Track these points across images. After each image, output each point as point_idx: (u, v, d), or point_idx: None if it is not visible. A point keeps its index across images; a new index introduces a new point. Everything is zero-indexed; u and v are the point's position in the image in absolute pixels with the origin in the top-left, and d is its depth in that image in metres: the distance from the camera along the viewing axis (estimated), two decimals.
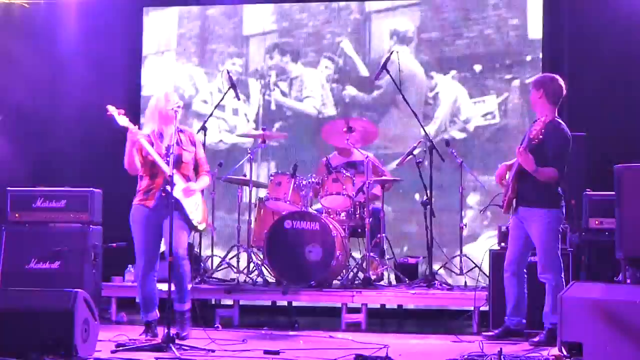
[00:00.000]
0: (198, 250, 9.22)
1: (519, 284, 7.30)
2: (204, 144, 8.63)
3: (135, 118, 10.71)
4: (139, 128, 7.15)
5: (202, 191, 7.41)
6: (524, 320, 7.32)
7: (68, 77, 10.51)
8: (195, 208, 7.16)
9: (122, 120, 7.04)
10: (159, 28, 11.26)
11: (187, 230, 7.16)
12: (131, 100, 10.90)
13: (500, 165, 7.54)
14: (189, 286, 7.22)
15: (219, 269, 9.28)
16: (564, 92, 7.27)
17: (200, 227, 7.26)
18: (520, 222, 7.27)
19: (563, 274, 7.17)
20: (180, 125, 7.18)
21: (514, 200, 7.24)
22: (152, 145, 7.04)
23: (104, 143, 9.34)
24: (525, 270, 7.34)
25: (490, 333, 7.42)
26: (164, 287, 6.98)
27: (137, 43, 11.14)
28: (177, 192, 7.00)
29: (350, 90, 10.83)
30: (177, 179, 6.99)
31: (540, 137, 6.85)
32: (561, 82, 7.28)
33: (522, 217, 7.23)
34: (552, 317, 7.08)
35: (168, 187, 6.88)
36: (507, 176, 7.34)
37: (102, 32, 10.65)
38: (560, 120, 7.22)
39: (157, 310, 7.17)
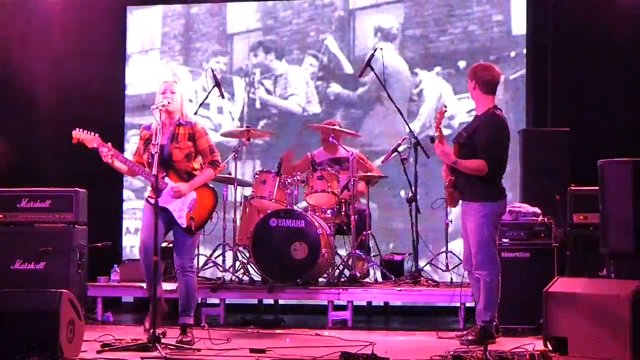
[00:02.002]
0: None
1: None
2: None
3: (120, 118, 10.77)
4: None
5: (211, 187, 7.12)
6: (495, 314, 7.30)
7: (52, 77, 10.47)
8: (185, 210, 6.88)
9: (90, 143, 6.87)
10: (143, 27, 11.24)
11: (188, 238, 6.89)
12: (116, 99, 10.89)
13: None
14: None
15: (204, 267, 9.27)
16: (499, 79, 7.20)
17: (194, 225, 6.89)
18: (463, 221, 7.25)
19: (500, 272, 7.05)
20: (185, 117, 6.99)
21: (455, 195, 7.19)
22: (150, 142, 6.90)
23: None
24: None
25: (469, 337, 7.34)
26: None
27: (121, 42, 11.11)
28: (162, 199, 6.75)
29: (335, 88, 10.84)
30: (168, 180, 6.84)
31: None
32: (495, 69, 7.19)
33: (462, 212, 7.23)
34: (485, 314, 7.04)
35: (150, 200, 6.80)
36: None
37: (86, 31, 10.62)
38: (496, 111, 7.13)
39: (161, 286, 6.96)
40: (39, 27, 10.52)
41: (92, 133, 6.90)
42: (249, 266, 8.89)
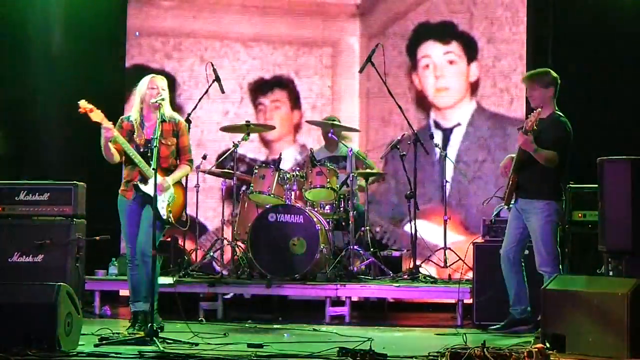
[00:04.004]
0: (182, 244, 9.22)
1: (516, 272, 7.34)
2: None
3: (120, 112, 10.72)
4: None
5: (185, 182, 7.33)
6: (529, 308, 7.33)
7: (51, 70, 10.43)
8: (166, 203, 6.99)
9: (96, 116, 6.92)
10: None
11: (158, 227, 6.88)
12: (116, 93, 10.82)
13: (507, 156, 7.56)
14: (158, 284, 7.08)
15: (202, 262, 9.26)
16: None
17: (172, 219, 7.04)
18: (519, 212, 7.30)
19: (561, 265, 7.23)
20: (168, 114, 7.03)
21: (515, 192, 7.27)
22: (133, 133, 6.98)
23: (88, 134, 9.23)
24: (522, 260, 7.36)
25: (496, 325, 7.42)
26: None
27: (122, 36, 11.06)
28: (150, 188, 6.80)
29: None
30: (153, 173, 6.88)
31: (535, 127, 6.88)
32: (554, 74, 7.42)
33: (521, 208, 7.27)
34: None
35: (141, 186, 6.88)
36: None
37: (85, 29, 10.52)
38: (560, 114, 7.34)
39: (143, 303, 7.03)
40: (38, 19, 10.47)
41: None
42: (247, 261, 8.88)
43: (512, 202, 7.37)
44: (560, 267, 7.22)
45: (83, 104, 6.95)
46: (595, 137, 9.23)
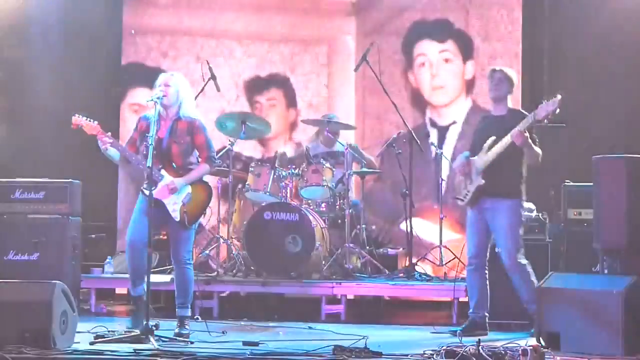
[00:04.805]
0: None
1: (481, 277, 7.29)
2: None
3: (117, 110, 10.72)
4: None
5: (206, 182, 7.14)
6: (487, 314, 7.33)
7: (47, 66, 10.41)
8: (179, 204, 6.86)
9: (89, 129, 6.86)
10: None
11: (183, 232, 6.92)
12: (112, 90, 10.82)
13: (461, 156, 7.49)
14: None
15: (198, 260, 9.26)
16: None
17: (187, 221, 6.88)
18: (479, 214, 7.25)
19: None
20: (185, 111, 6.94)
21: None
22: (147, 133, 6.89)
23: (84, 133, 9.23)
24: (486, 264, 7.33)
25: (456, 329, 7.40)
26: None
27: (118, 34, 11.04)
28: (159, 192, 6.79)
29: None
30: (164, 173, 6.86)
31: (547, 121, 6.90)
32: None
33: (485, 208, 7.20)
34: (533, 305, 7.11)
35: (146, 191, 6.76)
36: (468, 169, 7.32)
37: (82, 28, 10.49)
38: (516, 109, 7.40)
39: (144, 286, 6.89)
40: (35, 17, 10.46)
41: (92, 121, 6.89)
42: (242, 259, 8.88)
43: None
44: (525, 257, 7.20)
45: (75, 119, 6.90)
46: (591, 135, 9.25)
